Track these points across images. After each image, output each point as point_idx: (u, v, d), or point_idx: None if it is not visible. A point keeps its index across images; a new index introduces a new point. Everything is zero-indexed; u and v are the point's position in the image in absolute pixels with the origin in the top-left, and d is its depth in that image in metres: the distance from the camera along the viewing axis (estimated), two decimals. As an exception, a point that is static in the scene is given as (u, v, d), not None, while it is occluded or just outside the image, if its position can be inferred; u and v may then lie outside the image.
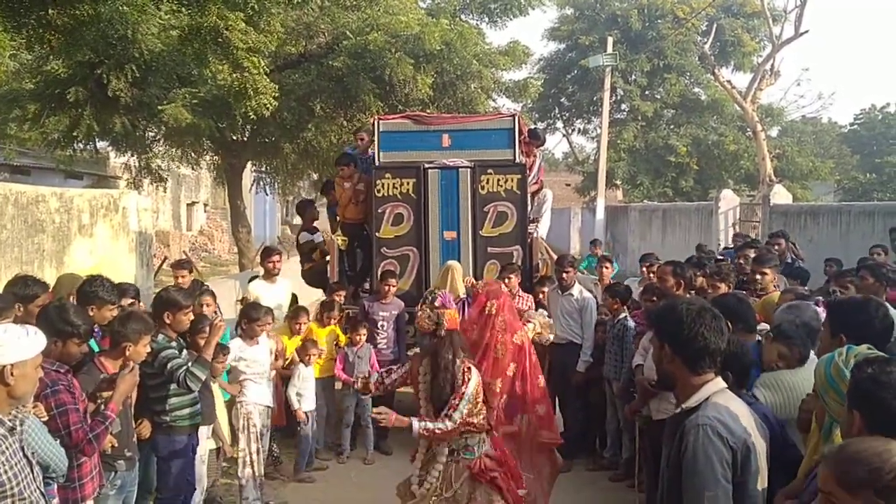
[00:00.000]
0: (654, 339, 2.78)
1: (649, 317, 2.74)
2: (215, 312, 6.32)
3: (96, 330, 4.55)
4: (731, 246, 11.90)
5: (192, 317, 4.98)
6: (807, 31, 20.80)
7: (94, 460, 3.90)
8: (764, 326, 4.68)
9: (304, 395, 6.83)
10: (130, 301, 5.46)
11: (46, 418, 3.46)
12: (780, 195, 18.18)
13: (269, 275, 7.72)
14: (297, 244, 9.46)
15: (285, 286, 7.85)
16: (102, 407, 3.85)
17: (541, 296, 7.78)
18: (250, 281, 8.23)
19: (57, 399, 3.58)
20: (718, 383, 2.67)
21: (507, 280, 7.63)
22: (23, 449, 3.01)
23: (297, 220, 37.79)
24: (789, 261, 8.49)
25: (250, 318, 5.98)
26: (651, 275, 7.74)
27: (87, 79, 10.64)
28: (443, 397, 4.15)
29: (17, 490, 2.92)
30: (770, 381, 3.84)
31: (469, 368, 4.18)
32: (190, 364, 4.71)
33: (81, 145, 12.46)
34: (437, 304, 4.32)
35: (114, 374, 4.07)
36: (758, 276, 6.28)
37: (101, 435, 3.76)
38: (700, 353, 2.64)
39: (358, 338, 7.36)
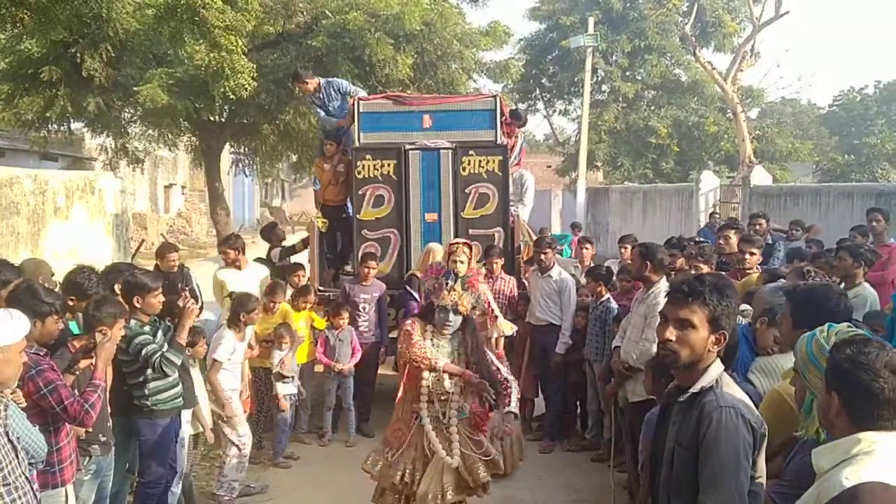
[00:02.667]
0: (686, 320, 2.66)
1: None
2: (195, 297, 6.26)
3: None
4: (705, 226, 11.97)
5: (162, 299, 4.88)
6: (787, 13, 20.87)
7: (73, 445, 3.86)
8: (745, 307, 4.70)
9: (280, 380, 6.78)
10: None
11: (25, 405, 3.41)
12: (760, 176, 18.29)
13: (232, 264, 7.45)
14: (275, 266, 8.56)
15: (256, 271, 7.65)
16: (78, 383, 3.81)
17: (525, 276, 7.78)
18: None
19: (44, 378, 3.55)
20: (719, 364, 2.68)
21: (491, 264, 7.63)
22: (7, 434, 2.97)
23: (276, 202, 37.34)
24: (770, 242, 8.54)
25: (247, 309, 5.87)
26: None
27: (62, 58, 10.42)
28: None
29: (2, 475, 2.89)
30: (765, 366, 3.85)
31: None
32: (164, 349, 4.67)
33: (55, 126, 12.25)
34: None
35: (84, 344, 4.01)
36: (746, 256, 6.31)
37: (97, 403, 3.73)
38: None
39: (340, 321, 7.33)
